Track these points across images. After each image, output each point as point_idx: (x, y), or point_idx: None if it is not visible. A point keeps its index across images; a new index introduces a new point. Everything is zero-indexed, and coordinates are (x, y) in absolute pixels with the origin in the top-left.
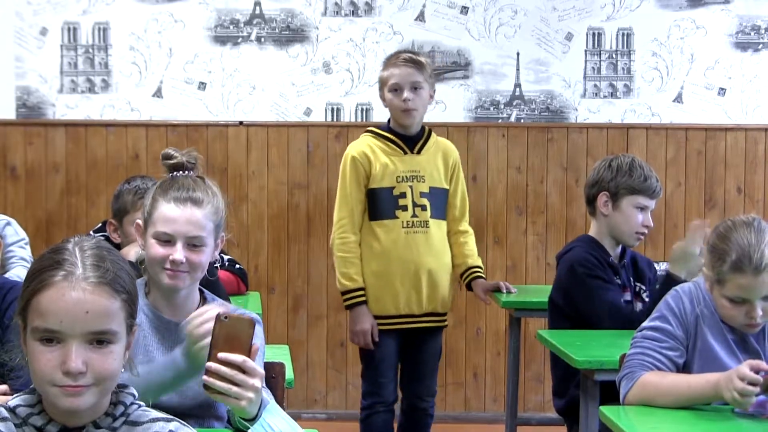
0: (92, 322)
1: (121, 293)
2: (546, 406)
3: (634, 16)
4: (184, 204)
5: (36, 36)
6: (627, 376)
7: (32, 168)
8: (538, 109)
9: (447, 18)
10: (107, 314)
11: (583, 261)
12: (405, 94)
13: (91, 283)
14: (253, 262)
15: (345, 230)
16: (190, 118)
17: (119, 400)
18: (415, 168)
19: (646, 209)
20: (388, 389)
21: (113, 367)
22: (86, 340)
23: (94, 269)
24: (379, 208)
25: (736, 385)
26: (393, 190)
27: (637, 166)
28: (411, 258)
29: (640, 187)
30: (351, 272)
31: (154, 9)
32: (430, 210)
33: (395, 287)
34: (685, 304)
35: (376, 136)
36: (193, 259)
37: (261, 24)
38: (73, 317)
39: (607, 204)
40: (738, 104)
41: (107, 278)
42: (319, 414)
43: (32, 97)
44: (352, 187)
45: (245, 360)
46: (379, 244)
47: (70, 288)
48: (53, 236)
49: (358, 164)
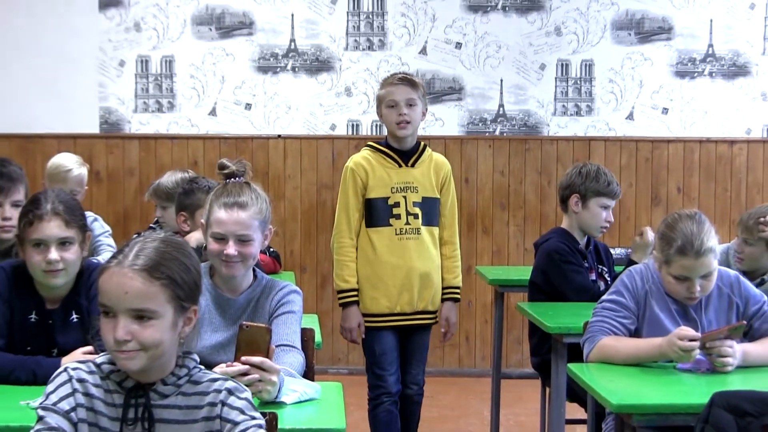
0: (131, 301)
1: (161, 279)
2: (524, 363)
3: (595, 50)
4: (231, 208)
5: (115, 67)
6: (589, 339)
7: (112, 173)
8: (518, 124)
9: (444, 52)
10: (144, 295)
11: (559, 249)
12: (401, 109)
13: (133, 270)
14: (289, 248)
15: (342, 235)
16: (238, 133)
17: (184, 363)
18: (409, 180)
19: (608, 208)
20: (390, 381)
21: (154, 338)
22: (130, 315)
23: (138, 259)
24: (374, 216)
25: (681, 345)
26: (388, 200)
27: (603, 173)
28: (403, 262)
29: (604, 190)
30: (344, 274)
31: (209, 45)
32: (422, 218)
33: (389, 288)
34: (636, 281)
35: (373, 150)
36: (244, 252)
37: (295, 57)
38: (116, 296)
39: (577, 203)
40: (678, 121)
41: (148, 265)
42: (342, 369)
43: (112, 116)
44: (350, 196)
45: (263, 361)
46: (374, 249)
47: (117, 273)
48: (129, 228)
49: (356, 175)
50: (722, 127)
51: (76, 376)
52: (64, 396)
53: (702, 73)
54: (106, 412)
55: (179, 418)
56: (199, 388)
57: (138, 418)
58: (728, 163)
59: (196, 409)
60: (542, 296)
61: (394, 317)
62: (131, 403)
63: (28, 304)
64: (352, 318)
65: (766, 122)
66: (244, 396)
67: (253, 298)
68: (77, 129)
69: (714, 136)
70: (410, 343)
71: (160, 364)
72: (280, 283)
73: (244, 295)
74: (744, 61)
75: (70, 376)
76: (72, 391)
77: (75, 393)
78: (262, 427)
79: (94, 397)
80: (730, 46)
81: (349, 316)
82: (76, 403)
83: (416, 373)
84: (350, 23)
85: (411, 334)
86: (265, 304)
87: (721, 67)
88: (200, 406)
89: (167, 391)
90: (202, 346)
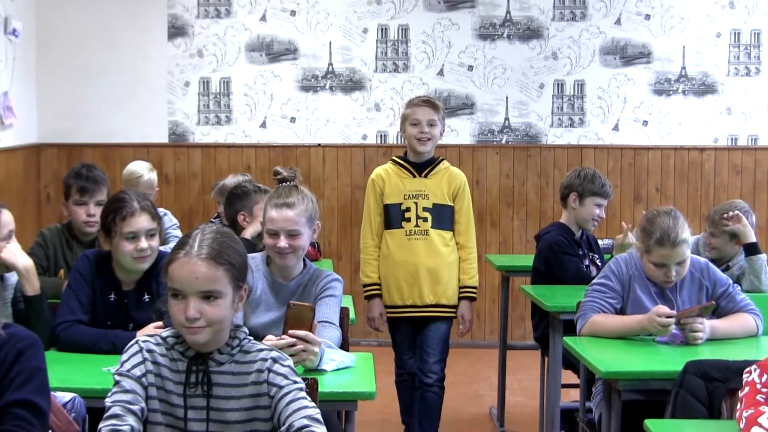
0: (201, 284)
1: (224, 264)
2: (527, 336)
3: (586, 72)
4: (281, 208)
5: (181, 87)
6: (581, 316)
7: (179, 176)
8: (521, 135)
9: (458, 73)
10: (212, 279)
11: (558, 241)
12: (423, 127)
13: (200, 258)
14: (327, 239)
15: (366, 236)
16: (284, 142)
17: (236, 335)
18: (420, 188)
19: (601, 206)
20: (408, 363)
21: (219, 315)
22: (199, 296)
23: (203, 248)
24: (390, 220)
25: (659, 321)
26: (401, 206)
27: (598, 176)
28: (411, 259)
29: (599, 191)
30: (368, 270)
31: (260, 68)
32: (432, 221)
33: (400, 283)
34: (622, 268)
35: (394, 163)
36: (294, 244)
37: (332, 78)
38: (188, 281)
39: (575, 201)
40: (656, 132)
41: (212, 254)
42: (372, 342)
43: (179, 128)
44: (372, 202)
45: (307, 334)
46: (388, 249)
47: (187, 262)
48: (192, 222)
49: (375, 185)
50: (693, 137)
51: (145, 347)
52: (136, 364)
53: (676, 91)
54: (171, 378)
55: (232, 382)
56: (248, 357)
57: (198, 382)
58: (699, 167)
59: (245, 375)
60: (543, 280)
61: (406, 309)
62: (192, 369)
63: (108, 286)
64: (375, 309)
65: (731, 133)
66: (287, 364)
67: (302, 283)
68: (150, 139)
69: (686, 145)
70: (424, 334)
71: (218, 337)
72: (325, 272)
73: (294, 281)
74: (712, 81)
75: (140, 347)
76: (142, 360)
77: (145, 361)
78: (303, 390)
79: (161, 365)
80: (700, 68)
81: (372, 307)
82: (146, 370)
83: (432, 363)
84: (379, 49)
85: (426, 325)
86: (312, 289)
87: (692, 86)
88: (249, 372)
89: (222, 359)
90: (257, 323)
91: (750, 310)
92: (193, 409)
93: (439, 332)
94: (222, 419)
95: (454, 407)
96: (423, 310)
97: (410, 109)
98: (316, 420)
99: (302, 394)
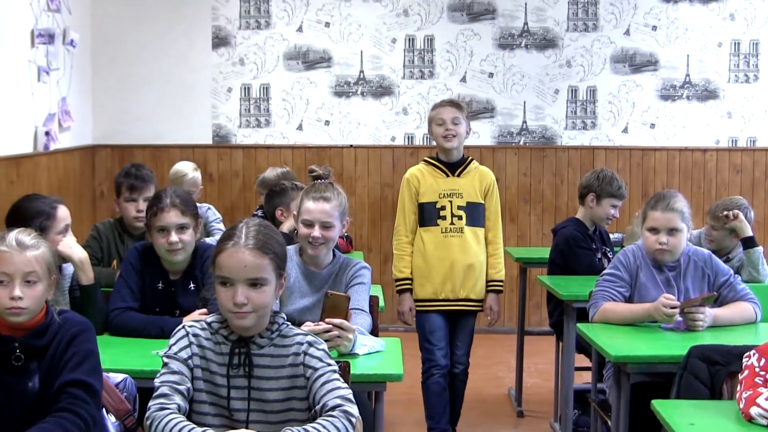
0: (248, 272)
1: (269, 254)
2: (543, 323)
3: (597, 78)
4: (317, 201)
5: (224, 92)
6: (593, 304)
7: (222, 174)
8: (537, 137)
9: (480, 80)
10: (259, 267)
11: (574, 235)
12: (448, 125)
13: (248, 248)
14: (359, 233)
15: (399, 233)
16: (319, 143)
17: (275, 320)
18: (455, 187)
19: (616, 207)
20: (438, 354)
21: (264, 301)
22: (246, 283)
23: (250, 239)
24: (425, 217)
25: (665, 311)
26: (436, 204)
27: (615, 179)
28: (447, 255)
29: (615, 193)
30: (400, 266)
31: (297, 75)
32: (465, 219)
33: (434, 277)
34: (630, 258)
35: (427, 163)
36: (326, 235)
37: (364, 84)
38: (237, 270)
39: (593, 201)
40: (662, 134)
41: (258, 244)
42: (400, 328)
43: (222, 131)
44: (406, 201)
45: (342, 322)
46: (424, 245)
47: (235, 251)
48: (235, 216)
49: (410, 184)
50: (697, 139)
51: (191, 331)
52: (183, 347)
53: (681, 97)
54: (216, 360)
55: (271, 364)
56: (286, 341)
57: (240, 364)
58: (702, 167)
59: (283, 357)
60: (559, 271)
61: (439, 302)
62: (235, 352)
63: (156, 275)
64: (405, 303)
65: (731, 135)
66: (322, 348)
67: (333, 272)
68: (195, 141)
69: (690, 146)
70: (456, 326)
71: (260, 322)
72: (354, 261)
73: (326, 270)
74: (714, 87)
75: (187, 331)
76: (189, 343)
77: (191, 345)
78: (337, 372)
79: (206, 348)
80: (702, 75)
81: (403, 301)
82: (192, 353)
83: (461, 354)
84: (406, 58)
85: (456, 318)
86: (342, 277)
87: (696, 92)
88: (287, 355)
89: (263, 343)
90: (293, 308)
91: (749, 299)
92: (235, 389)
93: (468, 326)
94: (262, 398)
95: (476, 388)
96: (455, 304)
97: (435, 110)
98: (348, 399)
99: (336, 375)
